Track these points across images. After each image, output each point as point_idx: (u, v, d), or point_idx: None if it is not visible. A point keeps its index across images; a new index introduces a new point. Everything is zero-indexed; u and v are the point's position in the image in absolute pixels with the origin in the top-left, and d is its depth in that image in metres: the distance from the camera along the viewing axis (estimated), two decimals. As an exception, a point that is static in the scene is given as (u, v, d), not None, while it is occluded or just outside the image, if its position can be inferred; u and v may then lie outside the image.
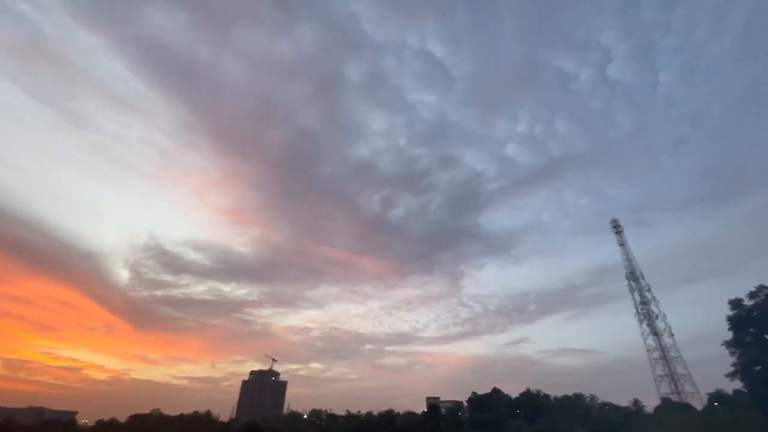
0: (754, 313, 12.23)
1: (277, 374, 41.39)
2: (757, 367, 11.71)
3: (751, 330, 12.13)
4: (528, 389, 18.74)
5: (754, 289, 12.47)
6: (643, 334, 16.16)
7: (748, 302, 12.34)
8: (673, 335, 16.39)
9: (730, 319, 13.00)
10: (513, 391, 19.48)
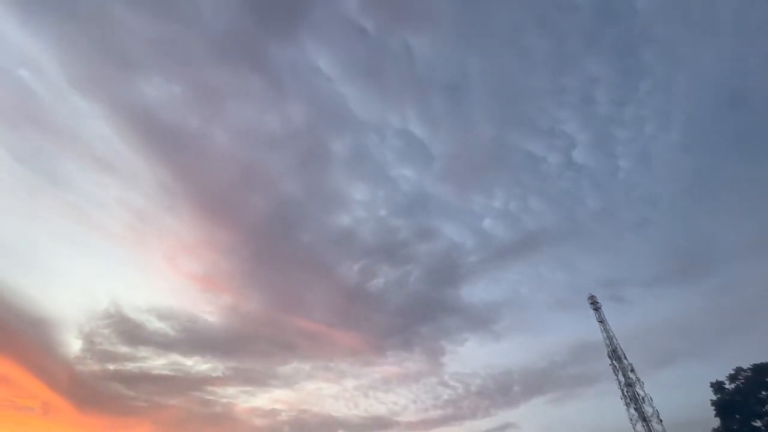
0: (737, 398, 12.17)
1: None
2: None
3: (737, 416, 12.08)
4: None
5: (732, 372, 12.66)
6: (631, 419, 15.61)
7: (729, 385, 12.44)
8: (661, 421, 15.93)
9: (714, 404, 12.55)
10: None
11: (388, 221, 18.88)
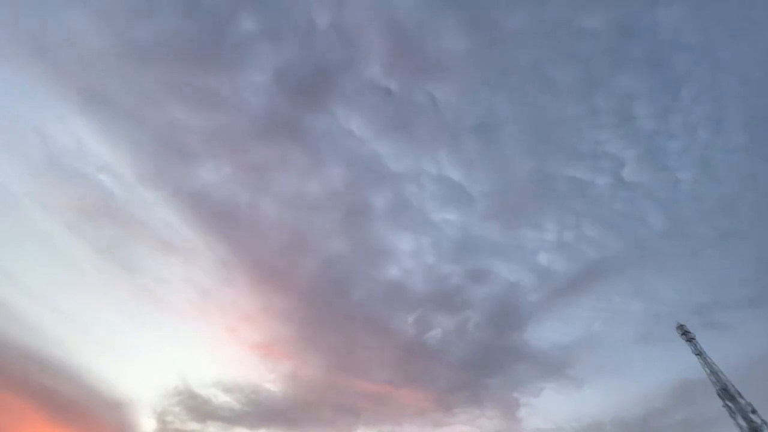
0: None
1: None
2: None
3: None
4: None
5: None
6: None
7: None
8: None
9: None
10: None
11: (437, 268, 18.33)
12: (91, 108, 7.74)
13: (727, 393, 16.03)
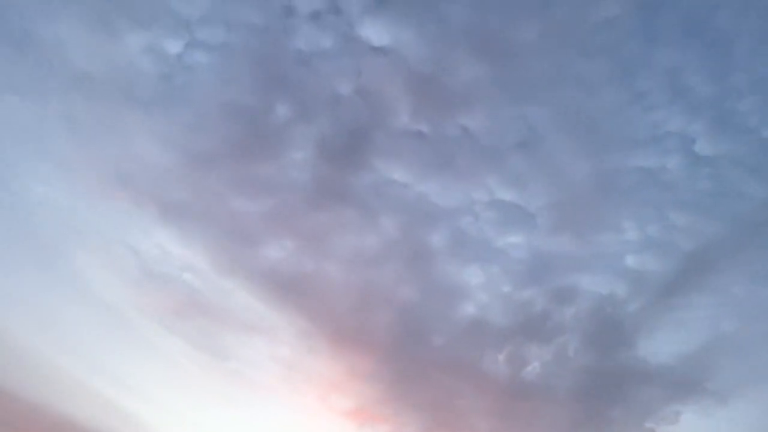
0: None
1: None
2: None
3: None
4: None
5: None
6: None
7: None
8: None
9: None
10: None
11: (515, 296, 16.87)
12: (168, 217, 8.84)
13: None
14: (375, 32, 8.45)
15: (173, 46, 7.74)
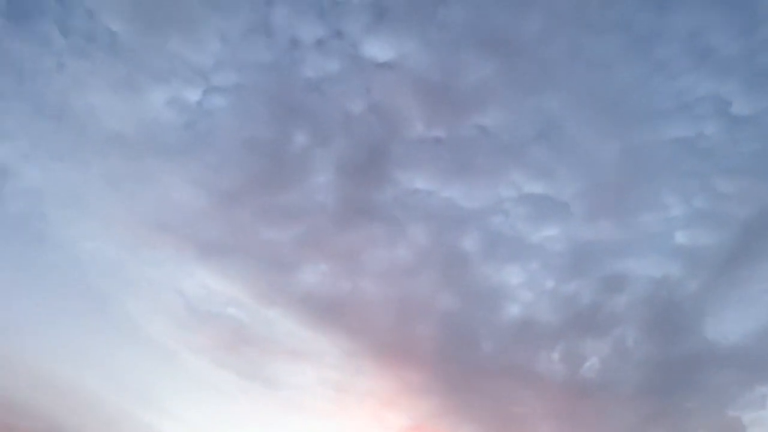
0: None
1: None
2: None
3: None
4: None
5: None
6: None
7: None
8: None
9: None
10: None
11: (560, 291, 16.03)
12: (206, 255, 9.28)
13: None
14: (378, 49, 8.63)
15: (192, 95, 8.25)
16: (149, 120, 8.22)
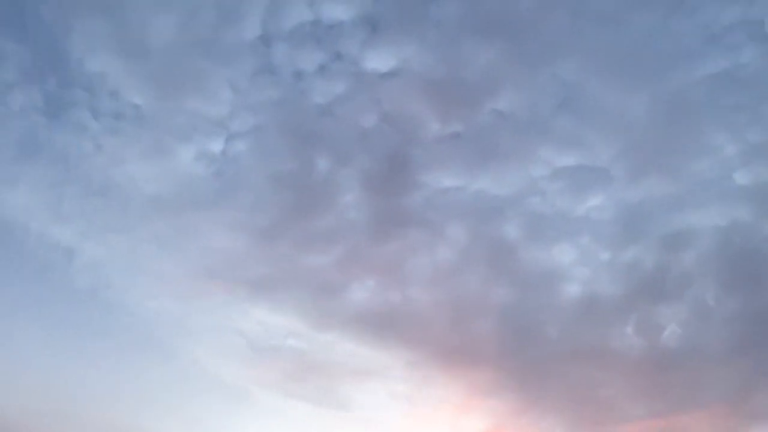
0: None
1: None
2: None
3: None
4: None
5: None
6: None
7: None
8: None
9: None
10: None
11: (617, 261, 15.01)
12: (258, 293, 9.73)
13: None
14: (379, 61, 8.84)
15: (216, 145, 8.84)
16: (182, 177, 8.86)
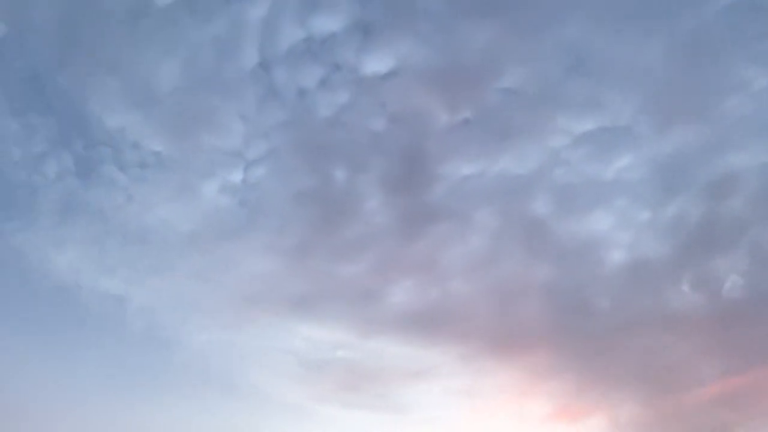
0: None
1: None
2: None
3: None
4: None
5: None
6: None
7: None
8: None
9: None
10: None
11: (659, 218, 14.22)
12: (300, 310, 10.04)
13: None
14: (377, 63, 8.92)
15: (236, 176, 9.23)
16: (209, 211, 9.28)
